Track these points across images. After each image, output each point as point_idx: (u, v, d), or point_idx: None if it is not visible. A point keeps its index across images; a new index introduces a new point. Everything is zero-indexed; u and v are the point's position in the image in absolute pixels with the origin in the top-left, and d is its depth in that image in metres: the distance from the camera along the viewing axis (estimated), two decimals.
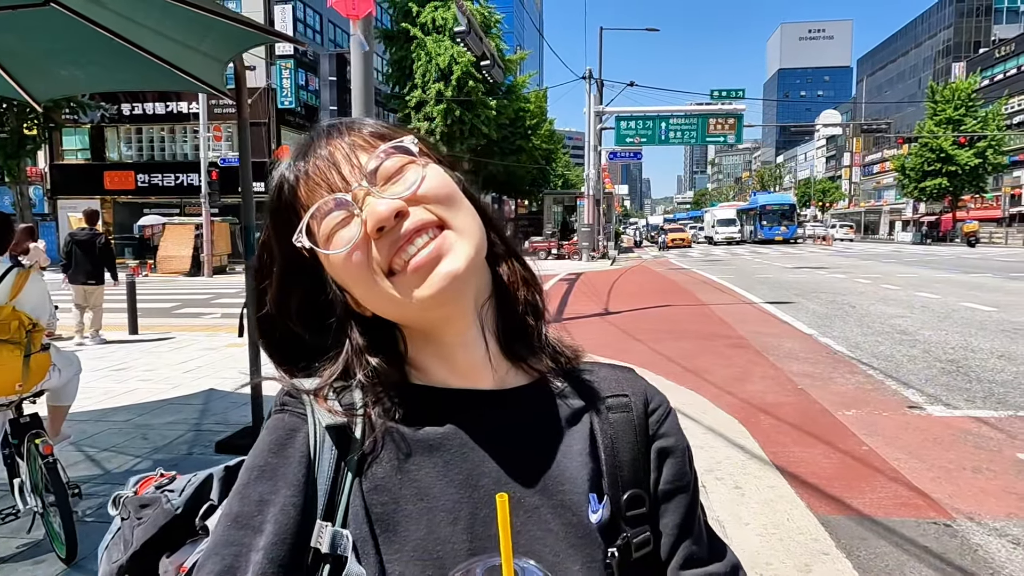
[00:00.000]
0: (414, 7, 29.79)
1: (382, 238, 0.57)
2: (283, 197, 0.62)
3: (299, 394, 0.62)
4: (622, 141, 29.48)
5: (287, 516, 0.56)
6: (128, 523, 0.74)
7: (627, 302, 13.00)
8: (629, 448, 0.66)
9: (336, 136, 0.62)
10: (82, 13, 3.47)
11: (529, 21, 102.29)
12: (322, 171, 0.60)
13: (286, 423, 0.61)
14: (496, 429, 0.62)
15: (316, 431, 0.59)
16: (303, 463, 0.58)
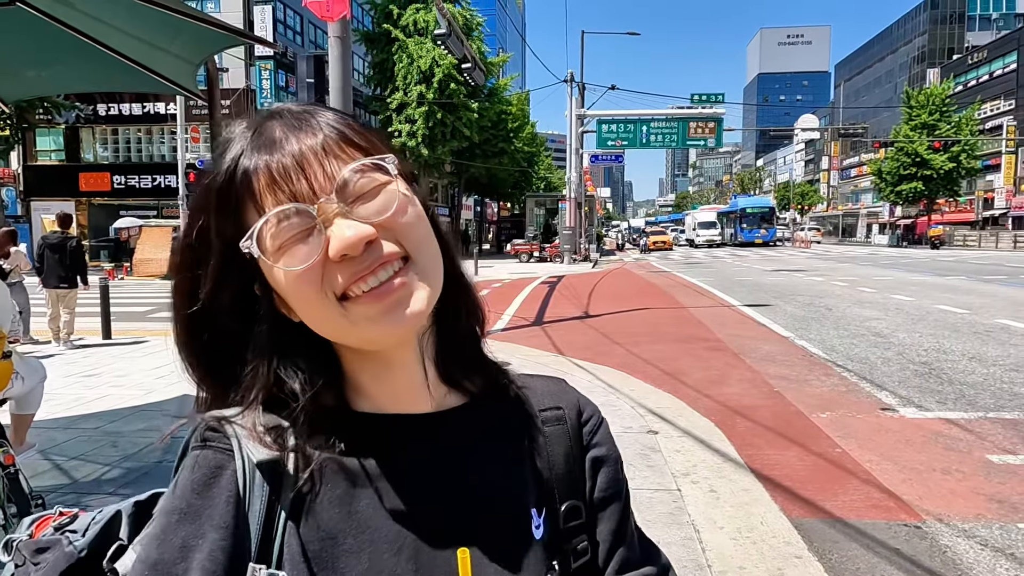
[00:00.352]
0: (395, 9, 29.71)
1: (343, 263, 0.53)
2: (234, 184, 0.55)
3: (222, 426, 0.56)
4: (604, 144, 29.64)
5: (215, 562, 0.51)
6: (23, 570, 0.66)
7: (608, 305, 13.05)
8: (564, 460, 0.66)
9: (306, 133, 0.56)
10: (49, 13, 3.40)
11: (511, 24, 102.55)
12: (288, 173, 0.54)
13: (210, 460, 0.55)
14: (436, 454, 0.61)
15: (245, 468, 0.54)
16: (231, 503, 0.53)
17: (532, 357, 7.63)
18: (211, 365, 0.60)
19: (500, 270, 23.78)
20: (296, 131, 0.55)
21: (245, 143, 0.56)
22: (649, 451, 4.40)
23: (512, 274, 21.89)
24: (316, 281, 0.53)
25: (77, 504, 3.18)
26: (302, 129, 0.55)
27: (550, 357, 7.75)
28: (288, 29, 31.13)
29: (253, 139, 0.56)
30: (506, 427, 0.65)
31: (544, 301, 14.05)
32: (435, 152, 29.60)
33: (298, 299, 0.55)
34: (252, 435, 0.56)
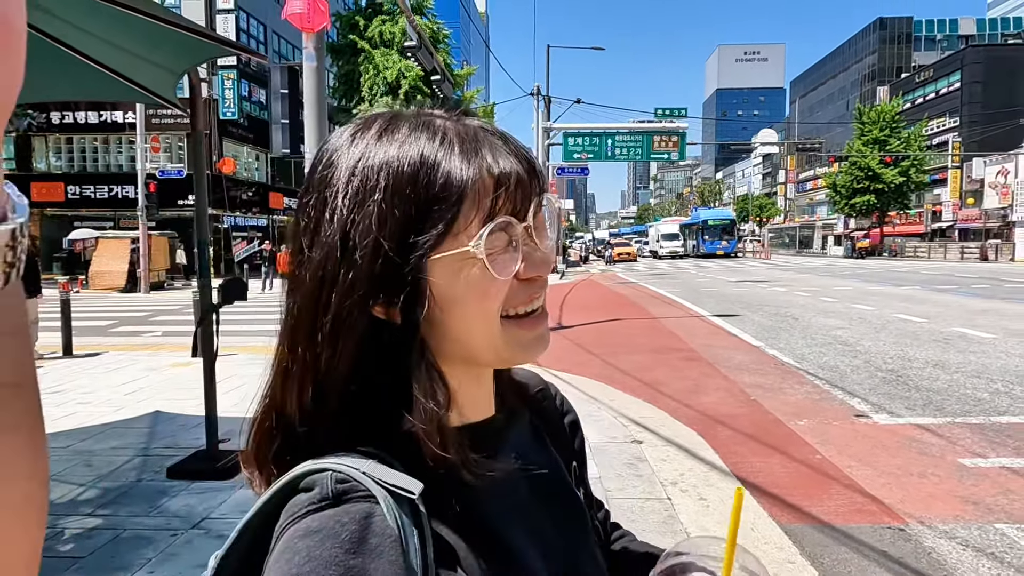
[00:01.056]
0: (361, 21, 29.62)
1: (523, 283, 0.56)
2: (431, 184, 0.52)
3: (349, 477, 0.50)
4: (570, 157, 29.92)
5: None
6: None
7: (579, 316, 13.13)
8: (558, 428, 0.76)
9: (505, 141, 0.57)
10: (28, 23, 3.30)
11: (476, 36, 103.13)
12: (517, 183, 0.54)
13: (352, 514, 0.49)
14: (516, 451, 0.65)
15: (391, 506, 0.50)
16: (395, 546, 0.48)
17: None
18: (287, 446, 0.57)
19: None
20: (508, 139, 0.58)
21: (459, 145, 0.54)
22: (636, 461, 4.43)
23: None
24: (502, 294, 0.55)
25: (54, 527, 3.04)
26: (505, 143, 0.57)
27: (526, 367, 7.74)
28: (251, 39, 30.72)
29: (473, 140, 0.55)
30: (527, 413, 0.72)
31: None
32: None
33: (476, 310, 0.55)
34: (389, 473, 0.52)
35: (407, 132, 0.55)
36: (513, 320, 0.56)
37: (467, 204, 0.53)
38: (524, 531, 0.60)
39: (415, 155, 0.53)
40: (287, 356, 0.56)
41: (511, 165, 0.55)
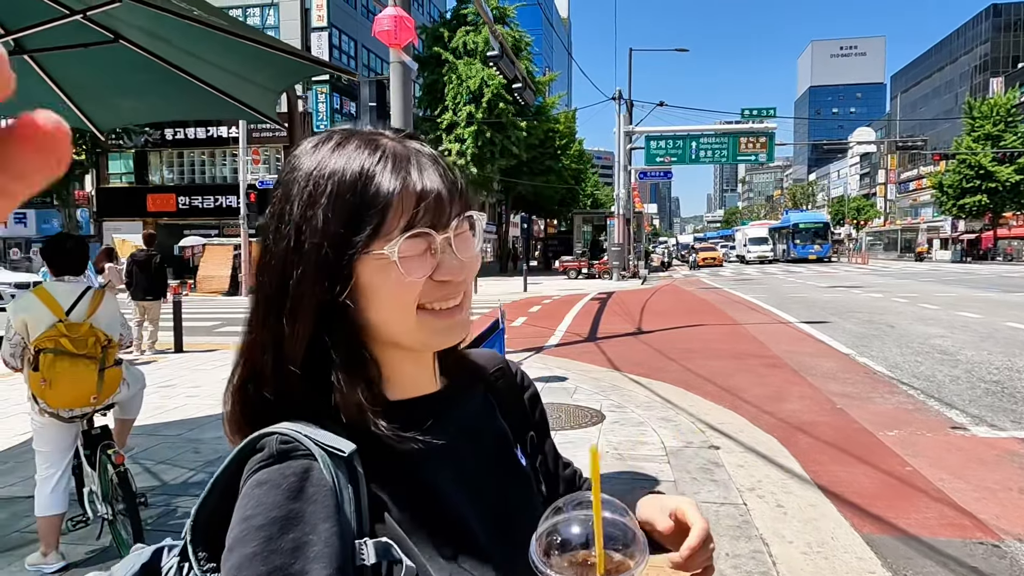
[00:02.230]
0: (445, 32, 30.40)
1: (439, 284, 0.65)
2: (365, 192, 0.62)
3: (292, 437, 0.60)
4: (652, 160, 29.54)
5: (332, 548, 0.56)
6: None
7: (659, 321, 12.98)
8: (516, 403, 0.85)
9: (450, 173, 0.68)
10: (148, 48, 3.69)
11: (558, 42, 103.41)
12: (435, 201, 0.64)
13: (293, 468, 0.58)
14: (459, 423, 0.74)
15: (326, 462, 0.59)
16: (330, 495, 0.58)
17: (587, 372, 7.68)
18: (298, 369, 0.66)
19: (549, 286, 23.86)
20: (442, 165, 0.68)
21: (391, 162, 0.63)
22: (712, 466, 4.41)
23: (561, 290, 21.94)
24: (415, 291, 0.64)
25: (168, 504, 3.38)
26: (441, 164, 0.68)
27: (605, 372, 7.78)
28: (343, 54, 32.16)
29: (396, 159, 0.64)
30: (481, 390, 0.81)
31: (596, 317, 14.06)
32: (483, 170, 30.00)
33: (392, 303, 0.64)
34: (324, 435, 0.61)
35: (355, 147, 0.65)
36: (429, 312, 0.66)
37: (391, 213, 0.62)
38: (463, 492, 0.68)
39: (356, 167, 0.63)
40: (255, 333, 0.66)
41: (434, 184, 0.65)
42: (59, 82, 4.07)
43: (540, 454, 0.85)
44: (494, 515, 0.70)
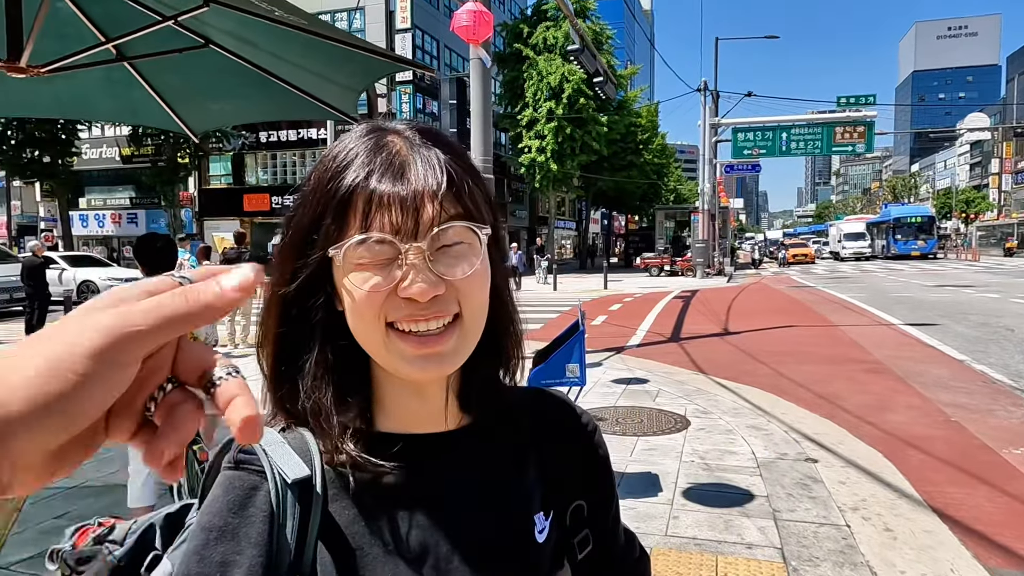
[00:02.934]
0: (526, 28, 30.41)
1: (406, 301, 0.57)
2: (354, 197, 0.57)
3: (254, 450, 0.59)
4: (739, 153, 28.42)
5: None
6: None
7: (747, 321, 12.41)
8: (569, 465, 0.71)
9: (431, 170, 0.57)
10: (235, 52, 3.77)
11: (641, 35, 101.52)
12: (403, 206, 0.56)
13: (244, 481, 0.58)
14: (450, 471, 0.64)
15: (278, 488, 0.58)
16: (267, 522, 0.57)
17: (671, 374, 7.39)
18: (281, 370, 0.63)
19: (630, 284, 23.42)
20: (425, 165, 0.57)
21: (373, 159, 0.57)
22: (810, 481, 4.09)
23: (643, 288, 21.48)
24: (377, 304, 0.57)
25: None
26: (430, 164, 0.58)
27: (689, 375, 7.47)
28: (426, 54, 32.70)
29: (382, 157, 0.57)
30: (511, 440, 0.69)
31: (679, 316, 13.62)
32: (564, 166, 29.80)
33: (355, 313, 0.58)
34: (286, 455, 0.59)
35: (357, 138, 0.60)
36: (398, 333, 0.57)
37: (352, 211, 0.56)
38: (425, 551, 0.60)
39: (338, 161, 0.58)
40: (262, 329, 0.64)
41: (409, 187, 0.56)
42: (156, 88, 4.23)
43: (588, 529, 0.71)
44: None
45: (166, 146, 26.97)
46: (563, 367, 3.85)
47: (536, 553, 0.65)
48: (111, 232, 33.87)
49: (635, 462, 4.50)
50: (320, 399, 0.61)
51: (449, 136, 0.63)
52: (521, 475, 0.68)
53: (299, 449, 0.60)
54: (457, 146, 0.62)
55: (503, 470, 0.67)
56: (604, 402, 6.12)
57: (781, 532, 3.40)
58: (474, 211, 0.59)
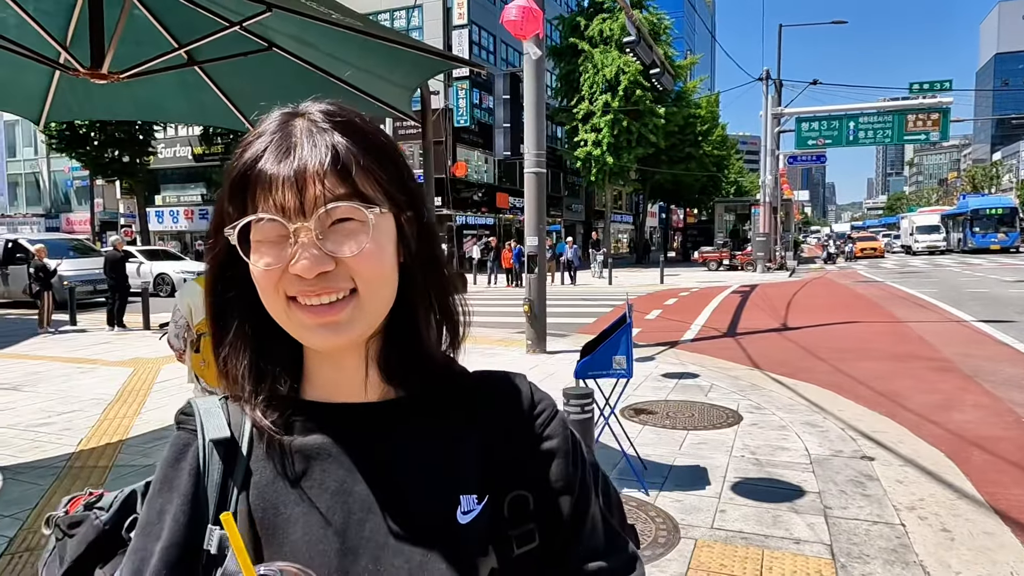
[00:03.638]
0: (582, 21, 30.20)
1: (297, 277, 0.59)
2: (246, 180, 0.60)
3: (192, 411, 0.67)
4: (803, 144, 27.49)
5: (177, 523, 0.62)
6: (61, 542, 0.78)
7: (808, 317, 12.06)
8: (510, 450, 0.68)
9: (318, 150, 0.59)
10: (296, 54, 3.95)
11: (700, 24, 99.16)
12: (285, 186, 0.59)
13: (180, 439, 0.67)
14: (369, 440, 0.66)
15: (204, 445, 0.65)
16: (193, 475, 0.64)
17: (724, 369, 7.29)
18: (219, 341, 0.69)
19: (687, 278, 23.05)
20: (311, 145, 0.59)
21: (269, 141, 0.60)
22: (864, 479, 4.00)
23: (700, 283, 21.11)
24: (274, 280, 0.60)
25: None
26: (316, 145, 0.59)
27: (744, 370, 7.35)
28: (482, 49, 32.91)
29: (276, 139, 0.60)
30: (442, 419, 0.68)
31: (736, 311, 13.35)
32: (620, 160, 29.51)
33: (259, 288, 0.62)
34: (215, 416, 0.67)
35: (265, 124, 0.63)
36: (299, 306, 0.61)
37: (247, 195, 0.60)
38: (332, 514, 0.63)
39: (243, 146, 0.62)
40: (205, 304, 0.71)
41: (295, 165, 0.59)
42: (224, 89, 4.46)
43: (535, 524, 0.67)
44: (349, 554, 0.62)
45: (235, 144, 28.10)
46: (610, 359, 3.89)
47: (454, 533, 0.63)
48: (184, 227, 35.49)
49: (683, 455, 4.49)
50: (235, 368, 0.67)
51: (362, 117, 0.65)
52: (451, 453, 0.66)
53: (234, 413, 0.67)
54: (364, 127, 0.63)
55: (430, 445, 0.67)
56: (655, 396, 6.11)
57: (831, 529, 3.35)
58: (367, 191, 0.61)
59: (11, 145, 40.40)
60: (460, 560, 0.62)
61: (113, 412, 5.92)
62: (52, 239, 17.57)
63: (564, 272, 22.90)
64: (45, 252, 12.54)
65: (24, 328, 12.11)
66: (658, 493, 3.85)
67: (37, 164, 39.90)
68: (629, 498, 3.76)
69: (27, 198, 40.94)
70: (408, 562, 0.61)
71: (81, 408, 6.08)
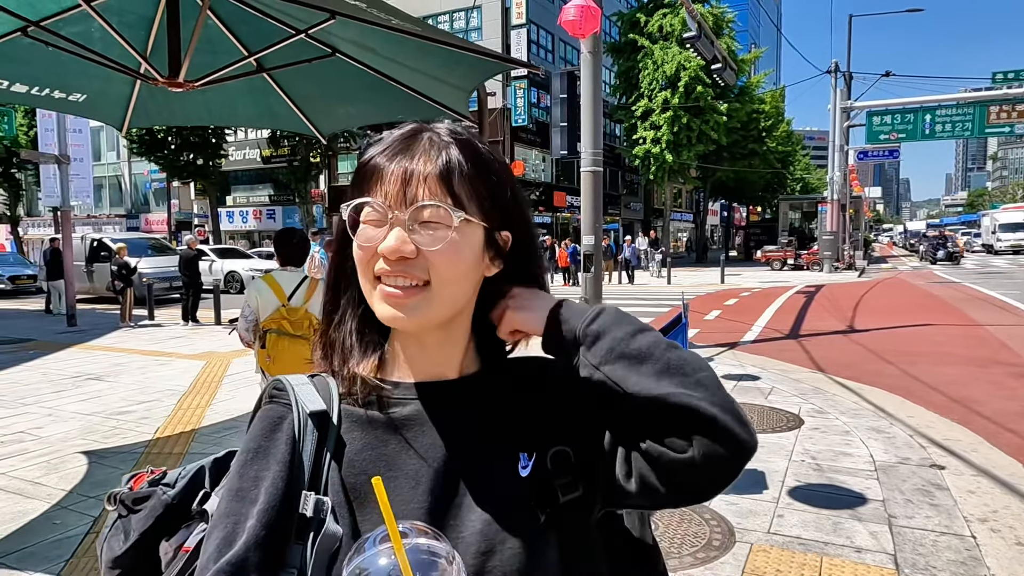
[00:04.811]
0: (642, 17, 29.81)
1: (383, 258, 0.68)
2: (365, 170, 0.72)
3: (284, 387, 0.73)
4: (874, 138, 26.34)
5: (276, 488, 0.67)
6: (125, 518, 0.83)
7: (877, 319, 11.59)
8: (549, 411, 0.76)
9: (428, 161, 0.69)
10: (358, 59, 4.07)
11: (766, 17, 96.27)
12: (396, 180, 0.69)
13: (275, 412, 0.72)
14: (448, 411, 0.74)
15: (299, 417, 0.71)
16: (289, 444, 0.70)
17: (786, 372, 7.10)
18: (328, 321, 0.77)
19: (749, 278, 22.47)
20: (425, 155, 0.69)
21: (393, 143, 0.71)
22: (933, 488, 3.84)
23: (762, 282, 20.54)
24: (368, 257, 0.70)
25: None
26: (429, 157, 0.69)
27: (807, 373, 7.13)
28: (540, 48, 32.92)
29: (400, 143, 0.71)
30: (508, 388, 0.77)
31: (800, 312, 12.94)
32: (680, 157, 28.99)
33: (357, 264, 0.72)
34: (308, 392, 0.73)
35: (390, 134, 0.73)
36: (380, 284, 0.69)
37: (366, 183, 0.70)
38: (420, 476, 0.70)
39: (368, 152, 0.73)
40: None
41: (405, 166, 0.69)
42: (290, 94, 4.64)
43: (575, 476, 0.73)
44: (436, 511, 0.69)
45: (300, 147, 29.02)
46: None
47: (517, 486, 0.72)
48: (253, 227, 36.90)
49: None
50: (351, 347, 0.75)
51: (481, 142, 0.74)
52: (509, 418, 0.75)
53: (322, 389, 0.73)
54: (478, 146, 0.73)
55: (495, 413, 0.75)
56: None
57: (896, 538, 3.24)
58: (462, 200, 0.69)
59: (96, 150, 42.90)
60: (523, 508, 0.71)
61: (187, 402, 6.25)
62: (132, 238, 18.59)
63: (622, 271, 22.70)
64: (126, 250, 13.29)
65: (108, 322, 12.87)
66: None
67: (119, 167, 42.23)
68: None
69: (110, 199, 43.39)
70: (483, 515, 0.69)
71: (158, 398, 6.44)
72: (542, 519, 0.71)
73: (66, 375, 7.67)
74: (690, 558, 3.09)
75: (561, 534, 0.72)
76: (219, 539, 0.66)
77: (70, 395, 6.63)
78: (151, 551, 0.82)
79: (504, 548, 0.68)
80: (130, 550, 0.82)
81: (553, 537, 0.71)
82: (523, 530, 0.69)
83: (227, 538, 0.66)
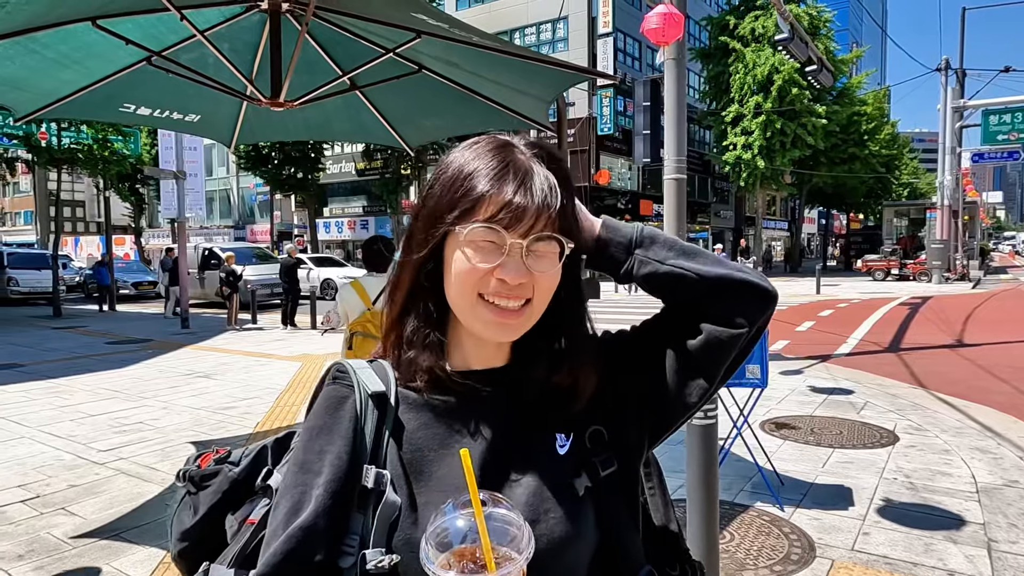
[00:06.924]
0: (732, 20, 29.04)
1: (499, 280, 0.73)
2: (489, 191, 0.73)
3: (347, 369, 0.80)
4: (991, 139, 24.40)
5: (340, 460, 0.74)
6: (195, 495, 0.91)
7: (990, 333, 10.74)
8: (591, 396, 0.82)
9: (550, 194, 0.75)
10: (442, 74, 4.26)
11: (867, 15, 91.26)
12: (522, 209, 0.73)
13: (338, 392, 0.79)
14: (497, 395, 0.81)
15: (361, 398, 0.77)
16: (352, 421, 0.76)
17: (882, 386, 6.73)
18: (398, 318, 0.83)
19: (847, 289, 21.32)
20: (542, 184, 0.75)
21: (493, 163, 0.75)
22: None
23: (862, 294, 19.44)
24: (476, 277, 0.74)
25: None
26: (546, 186, 0.75)
27: (905, 388, 6.74)
28: (627, 56, 32.68)
29: (498, 163, 0.75)
30: (547, 370, 0.82)
31: (902, 325, 12.18)
32: (773, 163, 27.94)
33: (458, 279, 0.75)
34: (369, 375, 0.79)
35: (485, 149, 0.77)
36: (486, 303, 0.74)
37: (480, 206, 0.74)
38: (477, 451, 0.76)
39: (472, 165, 0.76)
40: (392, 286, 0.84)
41: (524, 198, 0.73)
42: (380, 110, 4.90)
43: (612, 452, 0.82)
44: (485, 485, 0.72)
45: (392, 160, 30.14)
46: (743, 368, 3.79)
47: (557, 461, 0.79)
48: (347, 237, 38.54)
49: (826, 473, 4.25)
50: (415, 340, 0.80)
51: (558, 155, 0.81)
52: (546, 402, 0.82)
53: (380, 373, 0.81)
54: (562, 165, 0.80)
55: (534, 398, 0.82)
56: (800, 411, 5.80)
57: (995, 563, 3.04)
58: (569, 228, 0.77)
59: (208, 166, 46.17)
60: (563, 482, 0.78)
61: (284, 400, 6.66)
62: (239, 247, 19.94)
63: None
64: (234, 259, 14.29)
65: (216, 325, 13.86)
66: (794, 510, 3.69)
67: (228, 182, 45.26)
68: (762, 512, 3.64)
69: (220, 211, 46.55)
70: (528, 488, 0.76)
71: (259, 396, 6.90)
72: (581, 492, 0.78)
73: (179, 372, 8.35)
74: (766, 571, 3.03)
75: (598, 506, 0.79)
76: (287, 507, 0.72)
77: (182, 391, 7.21)
78: (218, 524, 0.90)
79: (548, 517, 0.75)
80: (199, 523, 0.90)
81: (591, 508, 0.78)
82: (564, 502, 0.76)
83: (295, 507, 0.72)
